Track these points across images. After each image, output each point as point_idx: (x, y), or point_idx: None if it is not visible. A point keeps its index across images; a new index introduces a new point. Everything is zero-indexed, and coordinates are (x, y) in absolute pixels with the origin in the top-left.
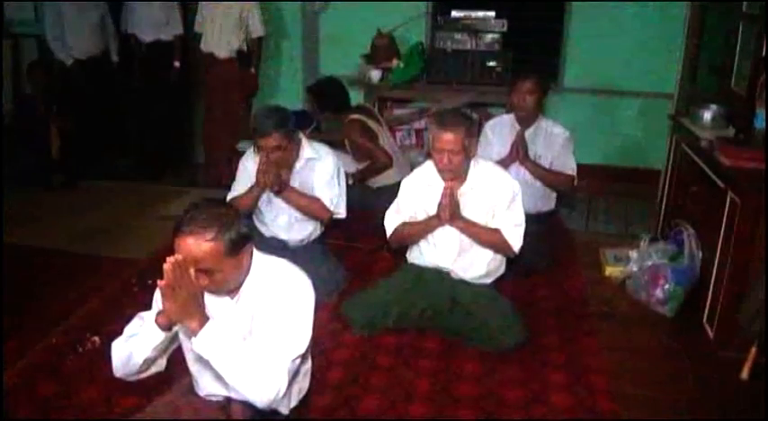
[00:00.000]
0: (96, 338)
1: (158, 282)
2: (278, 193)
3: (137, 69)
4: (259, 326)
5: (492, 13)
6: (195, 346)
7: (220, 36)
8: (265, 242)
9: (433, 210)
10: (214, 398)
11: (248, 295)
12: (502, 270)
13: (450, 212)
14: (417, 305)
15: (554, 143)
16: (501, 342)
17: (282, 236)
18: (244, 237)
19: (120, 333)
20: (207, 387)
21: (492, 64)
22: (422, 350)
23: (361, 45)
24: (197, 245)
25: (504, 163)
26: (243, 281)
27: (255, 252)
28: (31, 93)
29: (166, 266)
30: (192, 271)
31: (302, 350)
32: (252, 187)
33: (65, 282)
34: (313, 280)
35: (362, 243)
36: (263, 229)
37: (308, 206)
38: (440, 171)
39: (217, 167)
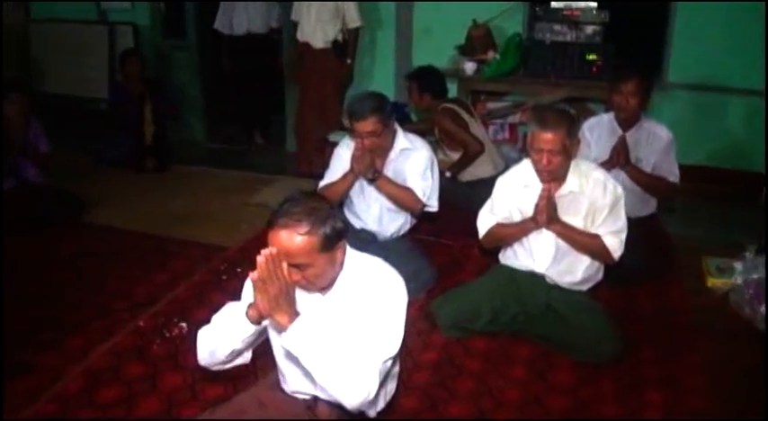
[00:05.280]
0: (183, 324)
1: (250, 274)
2: (371, 182)
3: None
4: (350, 325)
5: (594, 4)
6: (284, 342)
7: (316, 26)
8: (355, 234)
9: (529, 212)
10: (300, 396)
11: (340, 292)
12: (599, 277)
13: (547, 216)
14: (509, 309)
15: (656, 146)
16: (596, 353)
17: (373, 227)
18: (339, 232)
19: (207, 320)
20: (294, 383)
21: (592, 57)
22: (513, 356)
23: (456, 36)
24: (291, 238)
25: (604, 167)
26: (336, 277)
27: (349, 248)
28: (121, 80)
29: (260, 259)
30: (284, 265)
31: (394, 352)
32: (346, 174)
33: (153, 265)
34: (401, 276)
35: (452, 239)
36: (353, 220)
37: (401, 196)
38: (538, 171)
39: (307, 156)
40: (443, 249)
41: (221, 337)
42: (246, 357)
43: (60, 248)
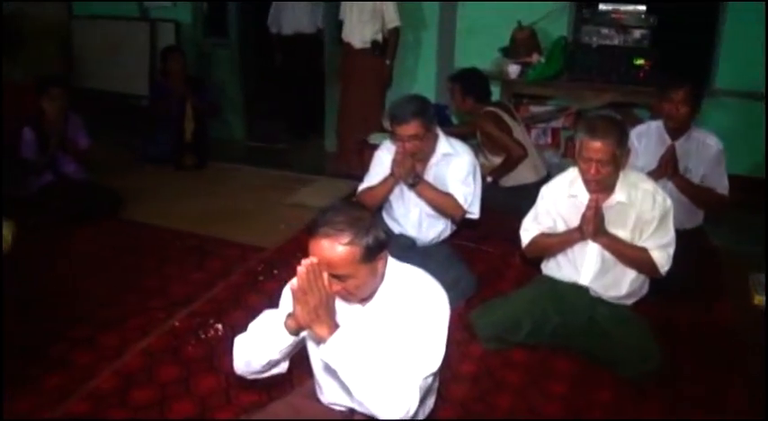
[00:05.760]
0: (219, 326)
1: (290, 284)
2: (412, 186)
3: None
4: (391, 339)
5: (642, 7)
6: (323, 354)
7: (356, 26)
8: (393, 239)
9: (574, 223)
10: (337, 407)
11: (380, 304)
12: (644, 291)
13: (593, 227)
14: (551, 321)
15: (705, 156)
16: (639, 369)
17: (412, 233)
18: (381, 243)
19: (243, 323)
20: (331, 395)
21: (640, 62)
22: (553, 371)
23: (500, 38)
24: (332, 248)
25: (652, 177)
26: (376, 288)
27: (390, 259)
28: (161, 77)
29: (300, 269)
30: (325, 275)
31: (435, 368)
32: (386, 178)
33: (190, 264)
34: (440, 283)
35: (491, 246)
36: (392, 225)
37: (441, 202)
38: (586, 181)
39: (347, 156)
40: (483, 256)
41: (258, 347)
42: (283, 367)
43: (98, 244)
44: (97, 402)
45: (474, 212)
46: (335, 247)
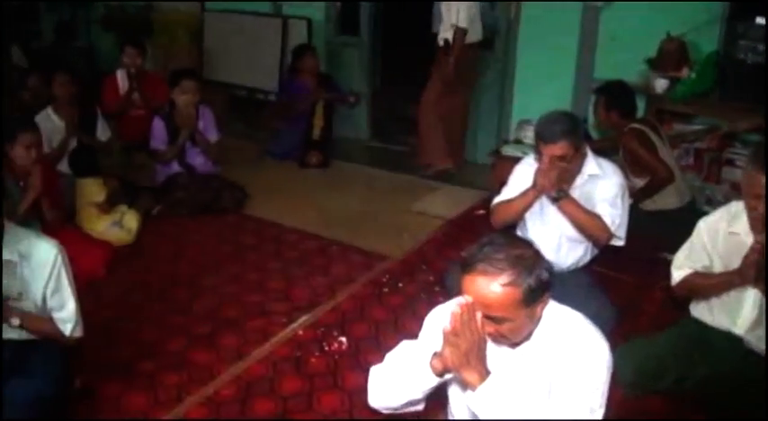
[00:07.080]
0: (344, 339)
1: (443, 328)
2: (555, 201)
3: None
4: (546, 391)
5: None
6: (471, 403)
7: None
8: None
9: (733, 263)
10: None
11: (534, 349)
12: None
13: (756, 272)
14: (698, 371)
15: None
16: None
17: (548, 257)
18: (544, 284)
19: (367, 338)
20: None
21: None
22: None
23: (644, 48)
24: (489, 288)
25: None
26: (531, 332)
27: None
28: (290, 74)
29: (455, 311)
30: (479, 316)
31: None
32: (526, 190)
33: (313, 268)
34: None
35: (628, 275)
36: None
37: (586, 221)
38: (752, 219)
39: (421, 155)
40: (619, 285)
41: (398, 384)
42: (421, 405)
43: (221, 238)
44: (216, 408)
45: (620, 238)
46: (493, 287)
